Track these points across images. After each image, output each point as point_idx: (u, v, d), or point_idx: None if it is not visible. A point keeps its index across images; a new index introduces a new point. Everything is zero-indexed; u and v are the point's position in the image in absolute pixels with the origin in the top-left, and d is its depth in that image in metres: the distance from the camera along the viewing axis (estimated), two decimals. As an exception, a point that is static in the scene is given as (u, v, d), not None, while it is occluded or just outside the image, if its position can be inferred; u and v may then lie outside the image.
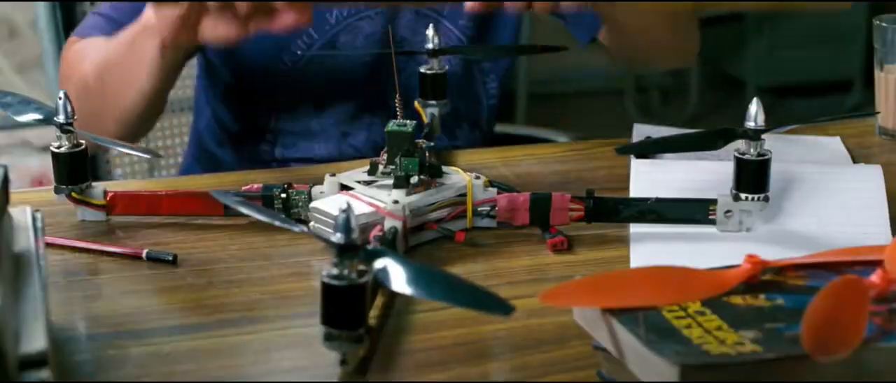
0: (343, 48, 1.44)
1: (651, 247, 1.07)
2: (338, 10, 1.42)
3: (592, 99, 4.33)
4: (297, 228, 0.85)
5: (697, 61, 4.34)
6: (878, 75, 1.41)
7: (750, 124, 1.05)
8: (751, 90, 4.17)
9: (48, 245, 1.05)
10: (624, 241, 1.08)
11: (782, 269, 0.91)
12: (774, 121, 1.10)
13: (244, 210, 0.87)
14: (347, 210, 0.78)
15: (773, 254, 0.96)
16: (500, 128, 1.74)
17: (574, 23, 1.51)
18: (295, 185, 1.10)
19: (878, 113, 1.41)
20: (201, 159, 1.59)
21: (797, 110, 4.17)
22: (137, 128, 1.36)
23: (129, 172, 1.89)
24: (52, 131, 1.09)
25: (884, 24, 1.39)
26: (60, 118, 1.07)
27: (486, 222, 1.10)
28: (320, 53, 1.43)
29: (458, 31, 1.47)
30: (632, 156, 1.22)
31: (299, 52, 1.43)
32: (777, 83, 4.25)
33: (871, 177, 1.17)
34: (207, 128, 1.57)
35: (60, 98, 1.07)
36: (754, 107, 1.05)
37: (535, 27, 4.14)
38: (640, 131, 1.37)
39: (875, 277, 0.87)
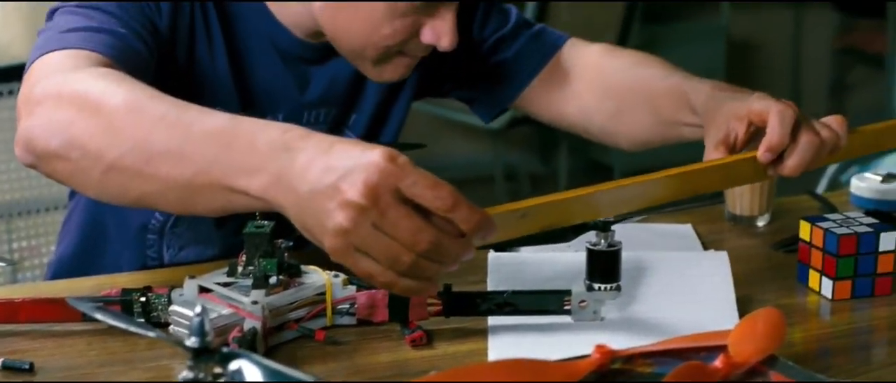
0: None
1: (509, 339, 1.09)
2: None
3: (462, 186, 4.34)
4: (152, 333, 0.85)
5: (565, 148, 4.44)
6: (725, 164, 1.47)
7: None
8: (617, 176, 4.27)
9: None
10: (483, 334, 1.10)
11: (631, 357, 0.94)
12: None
13: (100, 316, 0.88)
14: (202, 313, 0.79)
15: (626, 341, 0.99)
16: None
17: (478, 103, 1.55)
18: (154, 288, 1.10)
19: (723, 202, 1.47)
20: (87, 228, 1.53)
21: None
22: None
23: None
24: None
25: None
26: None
27: (346, 320, 1.11)
28: None
29: (355, 136, 1.47)
30: (490, 249, 1.24)
31: None
32: (642, 167, 4.34)
33: (718, 263, 1.22)
34: (89, 221, 1.53)
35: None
36: (603, 200, 1.09)
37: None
38: (499, 224, 1.40)
39: (718, 362, 0.91)
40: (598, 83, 1.45)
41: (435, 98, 1.57)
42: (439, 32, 1.25)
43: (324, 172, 0.91)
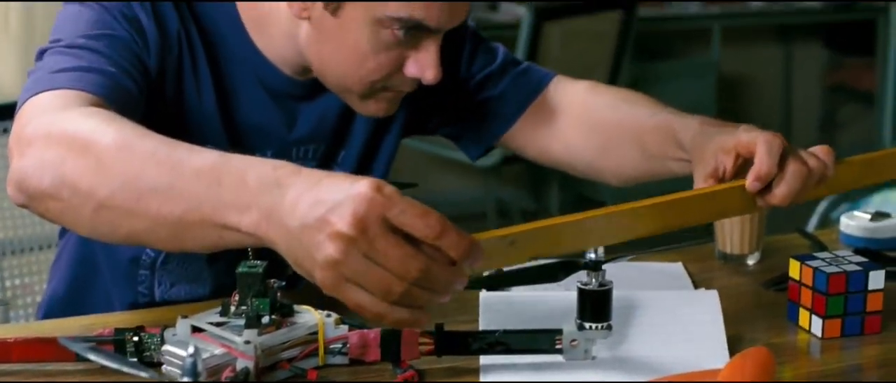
0: None
1: (501, 379, 1.09)
2: None
3: (456, 223, 4.37)
4: (145, 374, 0.86)
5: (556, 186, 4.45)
6: (715, 202, 1.47)
7: (591, 255, 1.10)
8: (609, 212, 4.27)
9: None
10: (475, 373, 1.11)
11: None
12: (631, 243, 1.14)
13: (92, 357, 0.88)
14: (195, 353, 0.80)
15: (618, 380, 0.99)
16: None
17: (465, 140, 1.56)
18: (147, 328, 1.11)
19: (714, 241, 1.48)
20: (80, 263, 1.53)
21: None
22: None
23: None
24: None
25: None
26: None
27: (338, 359, 1.11)
28: None
29: (345, 172, 1.47)
30: (482, 289, 1.25)
31: None
32: (634, 205, 4.36)
33: (709, 302, 1.22)
34: (80, 258, 1.53)
35: None
36: (594, 239, 1.10)
37: (398, 150, 4.21)
38: (491, 262, 1.41)
39: (708, 402, 0.91)
40: (585, 120, 1.46)
41: (422, 135, 1.58)
42: (423, 66, 1.27)
43: (313, 206, 0.92)
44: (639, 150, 1.40)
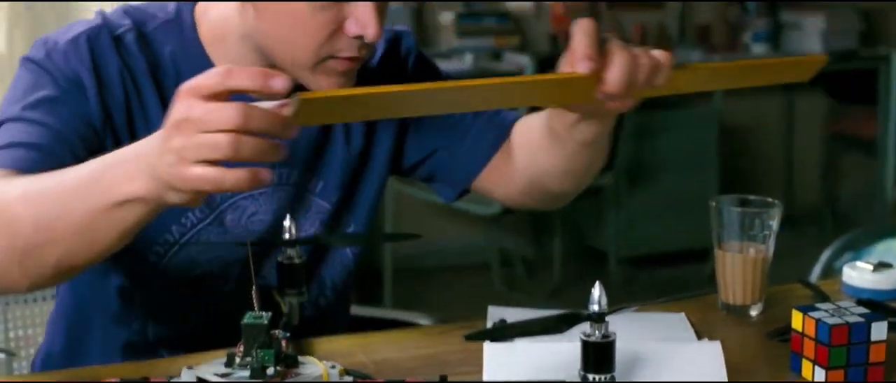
0: (228, 227, 1.43)
1: (504, 430, 1.10)
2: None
3: (459, 272, 4.39)
4: (151, 426, 0.86)
5: (560, 232, 4.45)
6: (717, 253, 1.48)
7: (593, 307, 1.10)
8: (612, 261, 4.29)
9: None
10: (478, 424, 1.11)
11: (626, 449, 0.95)
12: (634, 292, 1.15)
13: (98, 409, 0.88)
14: (201, 407, 0.80)
15: (620, 432, 0.99)
16: (362, 312, 1.76)
17: (439, 182, 1.57)
18: (152, 379, 1.11)
19: (716, 292, 1.48)
20: (69, 334, 1.55)
21: (657, 279, 4.28)
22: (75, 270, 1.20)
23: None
24: None
25: (719, 205, 1.47)
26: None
27: (342, 410, 1.12)
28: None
29: (327, 204, 1.49)
30: (486, 340, 1.25)
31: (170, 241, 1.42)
32: (637, 254, 4.37)
33: (712, 353, 1.23)
34: (73, 306, 1.55)
35: None
36: (597, 292, 1.10)
37: (400, 200, 4.23)
38: (495, 313, 1.41)
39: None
40: (518, 148, 1.49)
41: (400, 176, 1.60)
42: (363, 22, 1.30)
43: (167, 133, 1.03)
44: (550, 139, 1.41)
